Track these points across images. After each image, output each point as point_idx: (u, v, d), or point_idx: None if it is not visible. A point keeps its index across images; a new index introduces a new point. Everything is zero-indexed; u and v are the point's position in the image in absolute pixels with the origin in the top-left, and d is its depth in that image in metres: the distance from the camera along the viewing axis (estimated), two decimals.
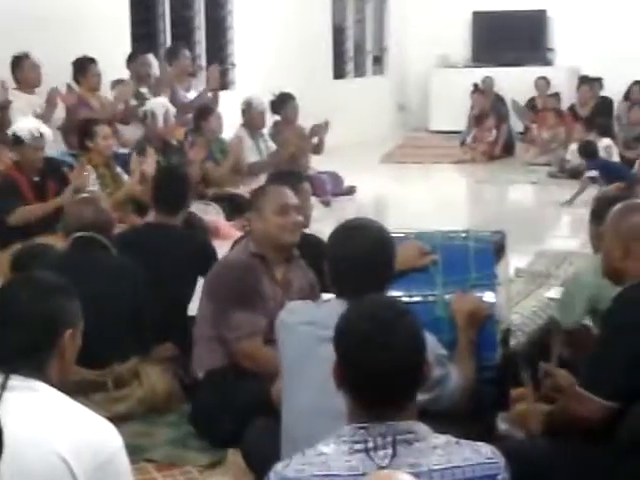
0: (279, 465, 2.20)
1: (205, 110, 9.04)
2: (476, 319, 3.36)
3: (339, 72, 14.81)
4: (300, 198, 4.78)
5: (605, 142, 10.70)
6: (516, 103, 13.84)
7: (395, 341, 2.19)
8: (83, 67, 8.52)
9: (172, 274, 4.65)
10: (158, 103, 8.33)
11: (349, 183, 10.19)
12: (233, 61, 12.03)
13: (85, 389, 4.17)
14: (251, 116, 9.32)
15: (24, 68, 8.01)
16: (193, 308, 4.55)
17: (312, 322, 3.06)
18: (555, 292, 4.70)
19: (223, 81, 10.52)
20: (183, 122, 9.01)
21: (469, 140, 13.31)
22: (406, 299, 3.35)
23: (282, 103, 9.81)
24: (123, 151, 8.16)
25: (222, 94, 9.74)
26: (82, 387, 4.16)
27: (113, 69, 8.89)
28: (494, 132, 13.17)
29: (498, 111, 13.71)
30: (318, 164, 9.95)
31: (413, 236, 3.65)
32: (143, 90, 9.10)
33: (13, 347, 2.28)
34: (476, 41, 15.85)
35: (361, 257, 3.03)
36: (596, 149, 10.18)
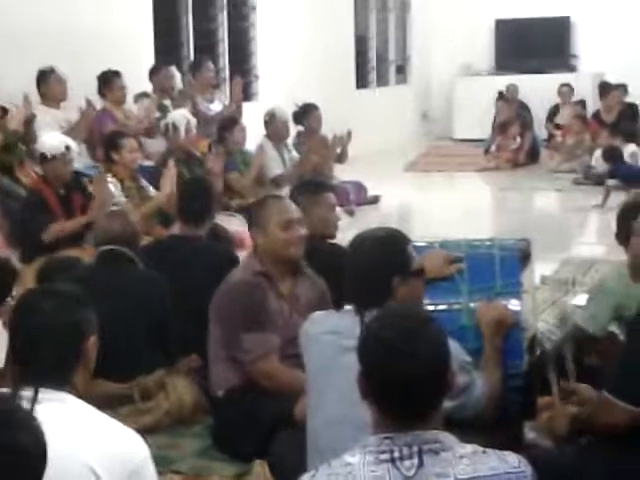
0: (305, 476, 2.20)
1: (229, 122, 9.06)
2: (502, 327, 3.35)
3: (362, 82, 14.82)
4: (325, 208, 4.78)
5: (631, 148, 10.65)
6: None
7: (420, 349, 2.18)
8: (108, 80, 8.57)
9: (197, 285, 4.65)
10: (179, 115, 8.35)
11: (373, 192, 10.18)
12: (256, 73, 12.06)
13: (112, 402, 4.18)
14: (274, 127, 9.34)
15: (50, 83, 8.06)
16: None
17: (335, 331, 3.06)
18: (581, 299, 4.67)
19: (246, 93, 10.55)
20: (206, 134, 9.04)
21: (493, 148, 13.28)
22: (431, 307, 3.35)
23: (305, 114, 9.82)
24: (148, 164, 8.20)
25: (245, 106, 9.77)
26: (109, 400, 4.18)
27: (136, 82, 8.94)
28: (518, 139, 13.12)
29: (523, 118, 13.67)
30: (342, 173, 9.95)
31: (438, 245, 3.65)
32: (166, 103, 9.15)
33: (42, 359, 2.28)
34: (499, 49, 15.83)
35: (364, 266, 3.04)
36: (621, 154, 10.13)
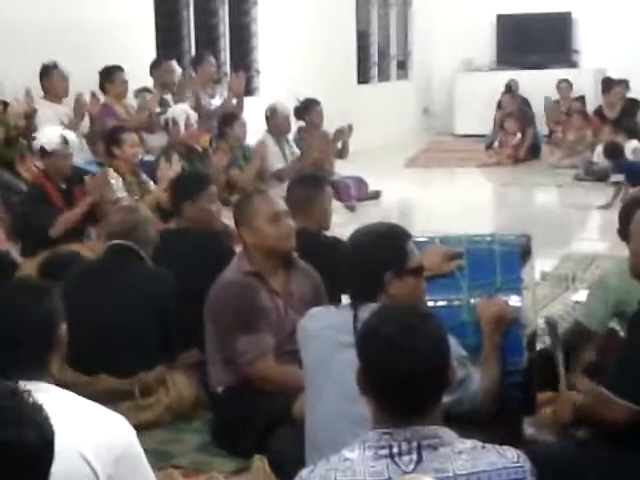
0: (304, 471, 2.20)
1: (230, 117, 9.06)
2: (502, 323, 3.35)
3: (363, 77, 14.81)
4: (327, 200, 4.78)
5: (633, 144, 10.62)
6: (548, 99, 13.59)
7: (420, 345, 2.18)
8: (110, 75, 8.56)
9: (195, 279, 4.65)
10: (180, 110, 8.35)
11: (374, 188, 10.18)
12: (258, 68, 12.05)
13: (112, 398, 4.19)
14: (276, 122, 9.34)
15: (52, 78, 8.06)
16: None
17: (333, 327, 3.06)
18: (581, 295, 4.67)
19: (247, 88, 10.54)
20: (208, 129, 9.03)
21: (496, 144, 13.24)
22: (431, 304, 3.35)
23: (307, 109, 9.82)
24: (148, 158, 8.19)
25: (246, 100, 9.76)
26: (109, 396, 4.18)
27: (138, 77, 8.94)
28: (518, 135, 13.10)
29: (524, 114, 13.65)
30: (343, 169, 9.95)
31: (438, 240, 3.65)
32: (166, 97, 9.14)
33: (20, 353, 2.31)
34: (500, 44, 15.81)
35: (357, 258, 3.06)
36: (622, 149, 10.11)
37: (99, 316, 4.35)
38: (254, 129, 9.32)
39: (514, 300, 3.43)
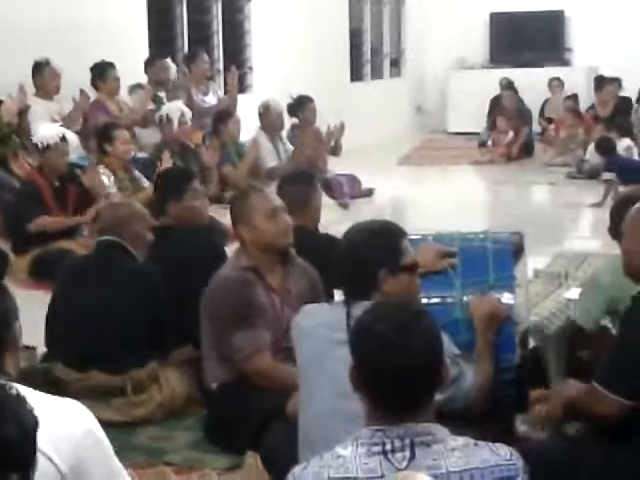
0: (297, 468, 2.20)
1: (224, 114, 9.06)
2: (494, 321, 3.35)
3: (356, 75, 14.81)
4: (320, 197, 4.79)
5: (625, 142, 10.63)
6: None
7: (413, 342, 2.18)
8: (102, 71, 8.57)
9: (186, 275, 4.64)
10: (174, 107, 8.35)
11: (367, 185, 10.17)
12: (251, 65, 12.05)
13: (105, 394, 4.19)
14: (269, 119, 9.34)
15: (44, 75, 8.06)
16: None
17: (326, 324, 3.06)
18: (574, 293, 4.67)
19: (241, 85, 10.54)
20: (201, 126, 9.03)
21: (490, 143, 13.24)
22: (425, 301, 3.35)
23: (300, 106, 9.81)
24: (141, 155, 8.19)
25: (240, 98, 9.76)
26: (102, 392, 4.18)
27: (132, 74, 8.93)
28: (510, 133, 13.11)
29: (522, 112, 13.63)
30: (336, 166, 9.95)
31: (431, 238, 3.65)
32: (160, 94, 9.14)
33: None
34: (494, 42, 15.83)
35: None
36: (614, 145, 10.12)
37: (89, 312, 4.33)
38: (247, 126, 9.32)
39: (507, 297, 3.43)
